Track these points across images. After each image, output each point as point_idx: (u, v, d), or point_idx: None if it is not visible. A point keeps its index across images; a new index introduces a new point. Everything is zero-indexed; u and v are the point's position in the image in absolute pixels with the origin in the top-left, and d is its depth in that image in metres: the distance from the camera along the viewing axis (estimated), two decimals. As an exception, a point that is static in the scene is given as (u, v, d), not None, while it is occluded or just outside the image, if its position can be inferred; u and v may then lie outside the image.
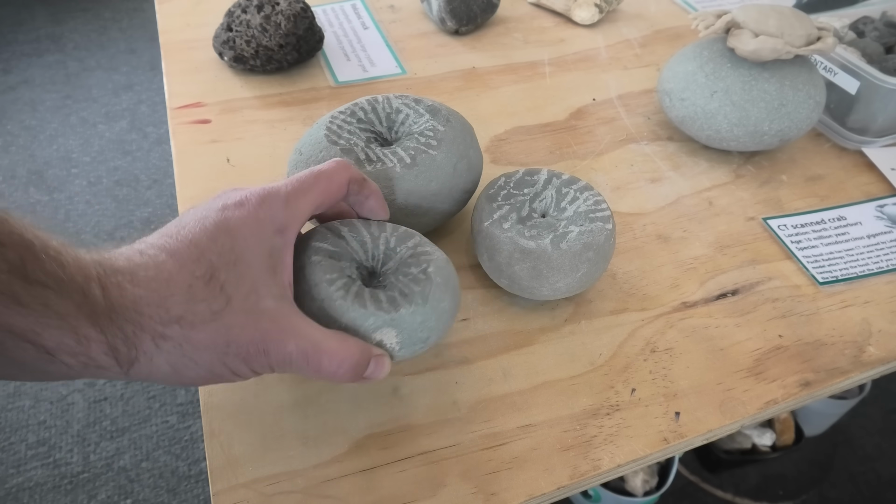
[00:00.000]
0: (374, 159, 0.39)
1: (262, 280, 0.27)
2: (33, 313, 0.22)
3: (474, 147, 0.42)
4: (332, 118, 0.41)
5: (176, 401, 1.10)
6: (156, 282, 0.25)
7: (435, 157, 0.39)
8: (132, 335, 0.24)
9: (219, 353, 0.26)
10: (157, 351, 0.25)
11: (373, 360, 0.30)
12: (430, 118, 0.41)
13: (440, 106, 0.42)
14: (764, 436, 0.96)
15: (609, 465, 0.34)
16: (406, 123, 0.42)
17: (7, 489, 0.98)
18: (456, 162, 0.40)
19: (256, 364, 0.27)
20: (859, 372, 0.38)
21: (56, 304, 0.22)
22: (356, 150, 0.39)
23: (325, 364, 0.28)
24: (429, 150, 0.39)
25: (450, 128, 0.41)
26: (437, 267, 0.33)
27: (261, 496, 0.32)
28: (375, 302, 0.30)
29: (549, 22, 0.69)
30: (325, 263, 0.31)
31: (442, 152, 0.39)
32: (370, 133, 0.41)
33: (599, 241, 0.37)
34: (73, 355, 0.23)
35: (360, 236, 0.33)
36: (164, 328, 0.25)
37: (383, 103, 0.42)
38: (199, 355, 0.26)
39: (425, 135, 0.40)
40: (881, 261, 0.45)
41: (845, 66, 0.52)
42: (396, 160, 0.38)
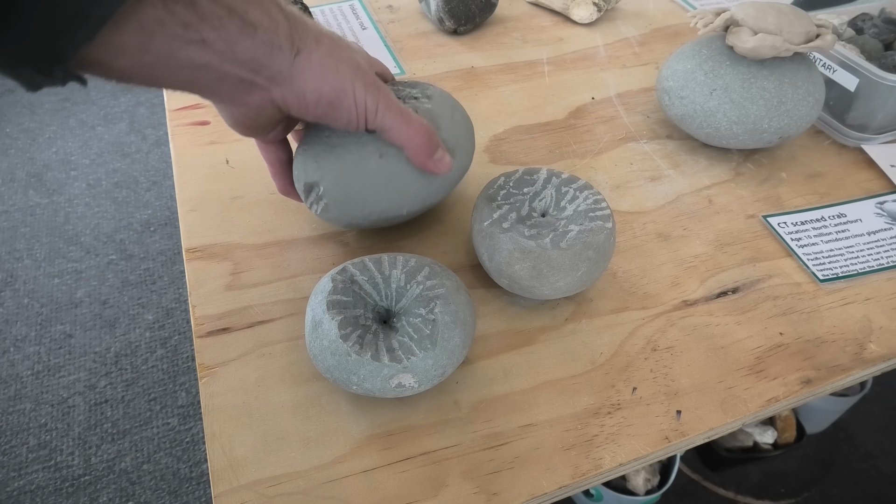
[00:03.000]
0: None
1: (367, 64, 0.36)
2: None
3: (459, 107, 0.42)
4: None
5: (177, 403, 1.10)
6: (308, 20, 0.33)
7: (431, 109, 0.39)
8: (303, 30, 0.32)
9: (352, 70, 0.33)
10: (315, 47, 0.32)
11: (440, 149, 0.38)
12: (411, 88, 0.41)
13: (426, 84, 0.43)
14: (765, 433, 0.96)
15: (611, 464, 0.33)
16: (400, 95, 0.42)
17: (8, 492, 0.98)
18: (451, 112, 0.40)
19: (371, 95, 0.34)
20: (860, 369, 0.38)
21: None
22: None
23: (414, 121, 0.36)
24: (423, 104, 0.39)
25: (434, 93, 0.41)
26: (444, 304, 0.34)
27: (262, 497, 0.31)
28: (389, 352, 0.32)
29: (547, 21, 0.69)
30: (339, 318, 0.33)
31: (435, 105, 0.40)
32: None
33: (599, 240, 0.37)
34: (266, 31, 0.30)
35: (372, 278, 0.36)
36: (320, 36, 0.33)
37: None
38: (341, 65, 0.33)
39: (415, 97, 0.40)
40: (881, 258, 0.45)
41: (844, 63, 0.52)
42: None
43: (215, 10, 0.27)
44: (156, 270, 1.32)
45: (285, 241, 0.44)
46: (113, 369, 1.15)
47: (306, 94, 0.33)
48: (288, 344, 0.38)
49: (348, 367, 0.32)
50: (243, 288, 0.41)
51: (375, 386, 0.32)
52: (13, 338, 1.19)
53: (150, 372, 1.15)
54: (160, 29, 0.26)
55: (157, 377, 1.14)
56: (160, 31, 0.26)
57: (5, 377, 1.13)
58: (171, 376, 1.14)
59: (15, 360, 1.16)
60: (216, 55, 0.29)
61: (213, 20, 0.27)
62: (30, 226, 1.40)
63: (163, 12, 0.26)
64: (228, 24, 0.28)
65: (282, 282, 0.42)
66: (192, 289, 0.41)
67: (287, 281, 0.42)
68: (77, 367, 1.15)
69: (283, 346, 0.38)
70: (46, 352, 1.17)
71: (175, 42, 0.27)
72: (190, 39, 0.27)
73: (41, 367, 1.15)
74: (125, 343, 1.19)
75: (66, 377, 1.13)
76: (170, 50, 0.27)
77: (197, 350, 0.38)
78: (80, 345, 1.18)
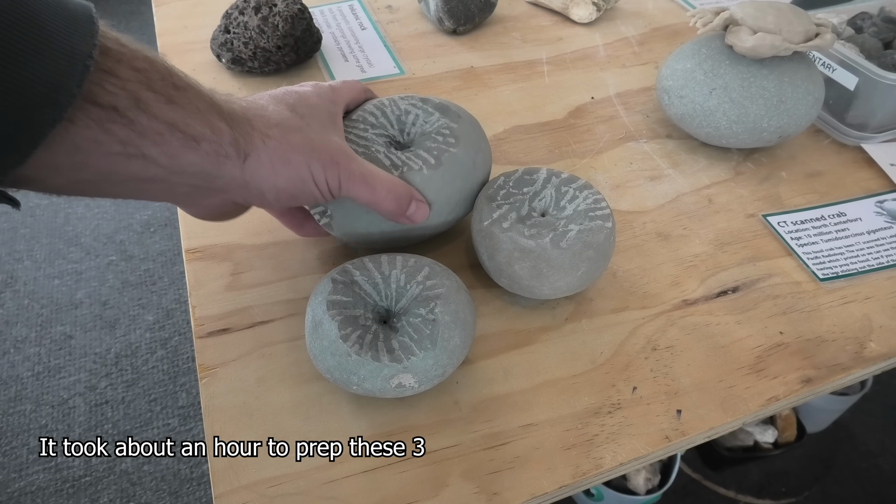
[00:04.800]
0: (399, 164, 0.38)
1: (327, 124, 0.35)
2: (182, 110, 0.27)
3: (484, 140, 0.42)
4: (346, 127, 0.40)
5: (177, 403, 1.10)
6: (255, 104, 0.33)
7: (457, 155, 0.39)
8: (247, 132, 0.31)
9: (306, 155, 0.33)
10: (263, 146, 0.31)
11: (414, 202, 0.37)
12: (441, 116, 0.41)
13: (447, 103, 0.42)
14: (766, 433, 0.96)
15: (611, 463, 0.33)
16: (417, 124, 0.41)
17: (9, 493, 0.98)
18: (474, 156, 0.40)
19: (331, 174, 0.33)
20: (861, 368, 0.38)
21: (197, 103, 0.28)
22: (379, 156, 0.38)
23: (379, 188, 0.35)
24: (450, 149, 0.39)
25: (462, 123, 0.41)
26: (444, 304, 0.34)
27: (263, 498, 0.31)
28: (389, 352, 0.32)
29: (547, 21, 0.69)
30: (339, 318, 0.33)
31: (461, 149, 0.39)
32: (385, 136, 0.40)
33: (599, 240, 0.37)
34: (210, 142, 0.29)
35: (372, 278, 0.35)
36: (268, 130, 0.32)
37: (391, 106, 0.41)
38: (293, 155, 0.32)
39: (442, 133, 0.40)
40: (881, 256, 0.45)
41: (844, 62, 0.52)
42: (421, 162, 0.38)
43: (155, 127, 0.26)
44: (156, 271, 1.32)
45: (285, 242, 0.44)
46: (113, 370, 1.15)
47: (264, 192, 0.32)
48: (288, 344, 0.38)
49: (348, 368, 0.32)
50: (243, 288, 0.41)
51: (376, 386, 0.32)
52: (13, 339, 1.19)
53: (150, 373, 1.15)
54: (96, 147, 0.25)
55: (157, 378, 1.14)
56: (97, 150, 0.25)
57: (6, 378, 1.13)
58: (171, 377, 1.14)
59: (15, 362, 1.16)
60: (161, 168, 0.28)
61: (153, 136, 0.26)
62: (30, 227, 1.40)
63: (98, 132, 0.25)
64: (170, 139, 0.27)
65: (282, 282, 0.42)
66: (192, 289, 0.41)
67: (287, 281, 0.42)
68: (77, 368, 1.15)
69: (284, 346, 0.38)
70: (47, 353, 1.17)
71: (114, 159, 0.26)
72: (130, 155, 0.26)
73: (41, 369, 1.15)
74: (125, 344, 1.19)
75: (67, 378, 1.13)
76: (110, 166, 0.26)
77: (197, 351, 0.38)
78: (80, 346, 1.18)
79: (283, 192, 0.33)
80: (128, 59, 0.26)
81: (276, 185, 0.32)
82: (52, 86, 0.22)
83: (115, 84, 0.25)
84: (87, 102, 0.24)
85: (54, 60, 0.22)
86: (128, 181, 0.28)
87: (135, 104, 0.25)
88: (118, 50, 0.25)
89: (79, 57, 0.23)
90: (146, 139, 0.26)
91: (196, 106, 0.28)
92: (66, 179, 0.26)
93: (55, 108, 0.23)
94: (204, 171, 0.29)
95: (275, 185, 0.32)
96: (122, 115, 0.25)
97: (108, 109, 0.25)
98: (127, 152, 0.26)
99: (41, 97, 0.22)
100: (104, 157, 0.26)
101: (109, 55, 0.25)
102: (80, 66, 0.23)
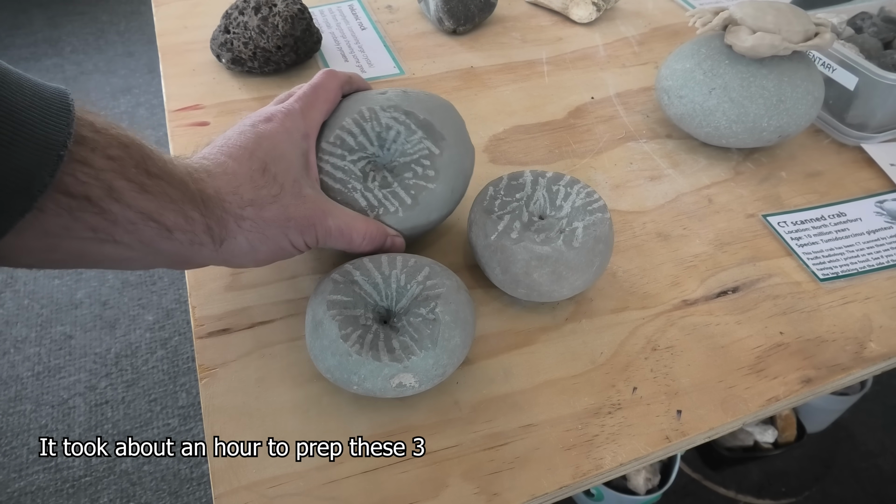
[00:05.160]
0: (376, 205, 0.38)
1: (300, 174, 0.35)
2: (156, 200, 0.27)
3: (468, 154, 0.41)
4: (323, 154, 0.38)
5: (177, 403, 1.10)
6: (225, 175, 0.32)
7: (434, 191, 0.39)
8: (221, 218, 0.31)
9: (282, 227, 0.33)
10: (238, 230, 0.32)
11: (389, 238, 0.38)
12: (423, 137, 0.39)
13: (431, 119, 0.39)
14: (766, 433, 0.96)
15: (611, 463, 0.33)
16: (398, 141, 0.39)
17: (9, 493, 0.98)
18: (453, 185, 0.40)
19: (308, 236, 0.35)
20: (861, 368, 0.38)
21: (170, 192, 0.28)
22: (355, 195, 0.38)
23: (355, 237, 0.36)
24: (427, 185, 0.38)
25: (445, 147, 0.39)
26: (444, 303, 0.34)
27: (263, 498, 0.31)
28: (389, 352, 0.32)
29: (546, 21, 0.69)
30: (339, 318, 0.33)
31: (440, 182, 0.39)
32: (364, 160, 0.39)
33: (605, 232, 0.37)
34: (184, 232, 0.29)
35: (372, 278, 0.35)
36: (241, 210, 0.32)
37: (371, 121, 0.39)
38: (269, 230, 0.33)
39: (422, 164, 0.39)
40: (881, 257, 0.45)
41: (843, 61, 0.52)
42: (398, 203, 0.38)
43: (128, 216, 0.26)
44: (156, 271, 1.32)
45: (285, 242, 0.44)
46: (113, 370, 1.15)
47: (244, 265, 0.34)
48: (288, 344, 0.38)
49: (349, 367, 0.32)
50: (243, 289, 0.41)
51: (376, 386, 0.32)
52: (13, 339, 1.19)
53: (150, 373, 1.15)
54: (67, 233, 0.25)
55: (157, 378, 1.14)
56: (67, 235, 0.25)
57: (6, 378, 1.13)
58: (171, 377, 1.14)
59: (15, 362, 1.16)
60: (135, 252, 0.28)
61: (126, 225, 0.26)
62: (30, 227, 1.40)
63: (68, 220, 0.25)
64: (143, 228, 0.27)
65: (282, 282, 0.42)
66: (192, 290, 0.41)
67: (287, 281, 0.42)
68: (77, 369, 1.15)
69: (284, 346, 0.38)
70: (47, 353, 1.17)
71: (86, 243, 0.26)
72: (102, 240, 0.26)
73: (41, 369, 1.15)
74: (125, 344, 1.19)
75: (67, 378, 1.13)
76: (82, 249, 0.26)
77: (197, 351, 0.38)
78: (80, 346, 1.18)
79: (262, 261, 0.35)
80: (102, 147, 0.25)
81: (255, 259, 0.34)
82: (25, 175, 0.22)
83: (88, 174, 0.25)
84: (59, 192, 0.24)
85: (28, 151, 0.22)
86: (102, 262, 0.28)
87: (108, 193, 0.25)
88: (93, 138, 0.25)
89: (53, 147, 0.23)
90: (118, 227, 0.26)
91: (169, 195, 0.28)
92: (38, 259, 0.26)
93: (26, 198, 0.23)
94: (179, 255, 0.30)
95: (254, 259, 0.34)
96: (93, 205, 0.25)
97: (79, 199, 0.24)
98: (98, 238, 0.26)
99: (13, 186, 0.22)
100: (75, 241, 0.26)
101: (84, 144, 0.25)
102: (54, 156, 0.23)
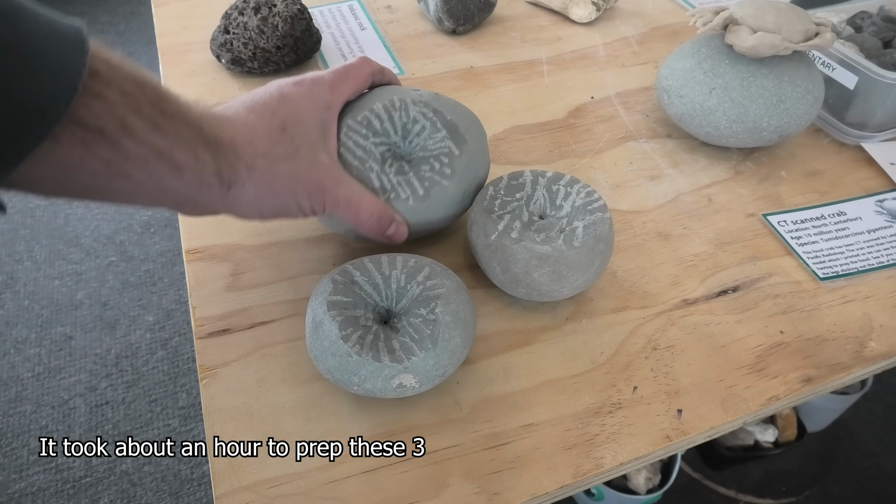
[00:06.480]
0: (388, 188, 0.38)
1: (318, 141, 0.35)
2: (168, 138, 0.28)
3: (484, 164, 0.42)
4: (348, 130, 0.39)
5: (178, 404, 1.10)
6: (244, 126, 0.32)
7: (447, 189, 0.39)
8: (232, 163, 0.31)
9: (291, 186, 0.33)
10: (248, 179, 0.32)
11: (394, 223, 0.38)
12: (447, 136, 0.40)
13: (457, 122, 0.40)
14: (766, 432, 0.96)
15: (612, 463, 0.33)
16: (422, 136, 0.40)
17: (9, 494, 0.98)
18: (466, 189, 0.40)
19: (316, 201, 0.35)
20: (861, 367, 0.38)
21: (184, 132, 0.28)
22: (371, 175, 0.38)
23: (362, 211, 0.36)
24: (442, 182, 0.39)
25: (465, 151, 0.40)
26: (444, 304, 0.34)
27: (264, 498, 0.31)
28: (390, 353, 0.32)
29: (546, 20, 0.69)
30: (340, 318, 0.33)
31: (454, 182, 0.39)
32: (385, 146, 0.39)
33: (605, 232, 0.37)
34: (193, 172, 0.29)
35: (372, 279, 0.36)
36: (254, 160, 0.32)
37: (400, 111, 0.40)
38: (278, 185, 0.33)
39: (440, 160, 0.39)
40: (881, 255, 0.45)
41: (843, 61, 0.52)
42: (410, 192, 0.38)
43: (140, 152, 0.27)
44: (156, 272, 1.32)
45: (285, 242, 0.44)
46: (113, 371, 1.15)
47: (248, 216, 0.34)
48: (288, 345, 0.38)
49: (349, 368, 0.32)
50: (243, 289, 0.41)
51: (376, 386, 0.32)
52: (14, 340, 1.19)
53: (150, 373, 1.15)
54: (80, 165, 0.26)
55: (157, 379, 1.14)
56: (80, 168, 0.26)
57: (6, 379, 1.13)
58: (171, 378, 1.14)
59: (16, 363, 1.16)
60: (144, 190, 0.28)
61: (137, 160, 0.27)
62: (30, 228, 1.40)
63: (83, 152, 0.25)
64: (154, 165, 0.28)
65: (282, 283, 0.42)
66: (193, 290, 0.41)
67: (287, 282, 0.42)
68: (78, 369, 1.15)
69: (284, 346, 0.38)
70: (47, 354, 1.17)
71: (98, 176, 0.27)
72: (114, 174, 0.27)
73: (42, 369, 1.15)
74: (126, 345, 1.19)
75: (67, 379, 1.13)
76: (93, 182, 0.27)
77: (197, 351, 0.38)
78: (80, 346, 1.18)
79: (266, 216, 0.35)
80: (117, 82, 0.26)
81: (259, 212, 0.34)
82: (40, 105, 0.23)
83: (102, 107, 0.25)
84: (74, 123, 0.24)
85: (44, 80, 0.23)
86: (111, 194, 0.28)
87: (121, 128, 0.26)
88: (107, 73, 0.26)
89: (68, 77, 0.23)
90: (130, 162, 0.27)
91: (182, 135, 0.28)
92: (51, 190, 0.27)
93: (42, 126, 0.23)
94: (186, 197, 0.30)
95: (258, 212, 0.34)
96: (107, 138, 0.26)
97: (93, 131, 0.25)
98: (110, 171, 0.27)
99: (29, 115, 0.23)
100: (88, 174, 0.26)
101: (99, 78, 0.25)
102: (69, 87, 0.24)
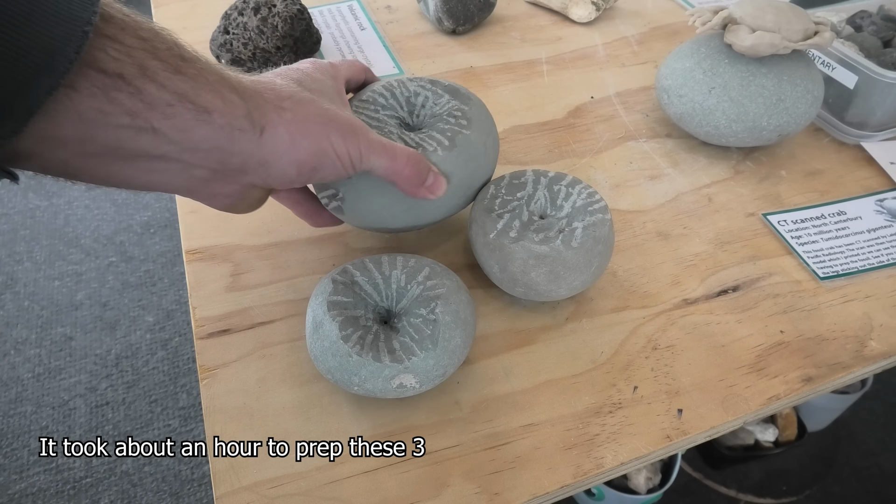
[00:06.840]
0: (413, 145, 0.37)
1: (336, 100, 0.35)
2: (192, 81, 0.26)
3: (493, 124, 0.42)
4: (357, 109, 0.39)
5: (178, 404, 1.10)
6: (264, 80, 0.32)
7: (469, 137, 0.38)
8: (260, 104, 0.29)
9: (324, 126, 0.31)
10: (279, 118, 0.30)
11: (431, 172, 0.36)
12: (451, 98, 0.40)
13: (457, 85, 0.42)
14: (766, 432, 0.96)
15: (612, 463, 0.33)
16: (427, 106, 0.41)
17: (10, 495, 0.98)
18: (485, 139, 0.40)
19: (351, 144, 0.32)
20: (861, 366, 0.38)
21: (206, 75, 0.27)
22: (392, 137, 0.37)
23: (400, 155, 0.34)
24: (463, 131, 0.38)
25: (473, 106, 0.40)
26: (445, 304, 0.34)
27: (264, 499, 0.31)
28: (390, 353, 0.32)
29: (546, 20, 0.69)
30: (340, 319, 0.33)
31: (473, 131, 0.39)
32: (395, 119, 0.40)
33: (605, 233, 0.37)
34: (222, 115, 0.27)
35: (372, 279, 0.35)
36: (281, 102, 0.30)
37: (399, 87, 0.41)
38: (311, 126, 0.31)
39: (454, 115, 0.39)
40: (882, 255, 0.45)
41: (843, 60, 0.52)
42: (436, 143, 0.38)
43: (164, 97, 0.25)
44: (156, 272, 1.32)
45: (285, 243, 0.44)
46: (114, 371, 1.15)
47: (286, 169, 0.31)
48: (288, 345, 0.38)
49: (349, 368, 0.32)
50: (243, 289, 0.41)
51: (377, 386, 0.32)
52: (14, 340, 1.19)
53: (150, 374, 1.15)
54: (102, 118, 0.24)
55: (157, 379, 1.14)
56: (103, 121, 0.24)
57: (6, 380, 1.13)
58: (171, 378, 1.14)
59: (16, 363, 1.16)
60: (172, 145, 0.27)
61: (163, 108, 0.25)
62: (30, 228, 1.40)
63: (103, 102, 0.24)
64: (180, 110, 0.26)
65: (282, 283, 0.42)
66: (193, 290, 0.41)
67: (287, 282, 0.42)
68: (78, 370, 1.15)
69: (284, 347, 0.38)
70: (47, 354, 1.17)
71: (122, 132, 0.25)
72: (140, 128, 0.25)
73: (42, 370, 1.15)
74: (126, 345, 1.19)
75: (67, 379, 1.13)
76: (118, 140, 0.25)
77: (198, 352, 0.38)
78: (80, 347, 1.18)
79: (304, 165, 0.31)
80: (132, 27, 0.25)
81: (297, 159, 0.31)
82: (48, 52, 0.21)
83: (119, 51, 0.24)
84: (91, 69, 0.23)
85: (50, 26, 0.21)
86: (138, 159, 0.26)
87: (141, 72, 0.24)
88: (122, 18, 0.25)
89: (77, 22, 0.22)
90: (155, 110, 0.25)
91: (205, 77, 0.27)
92: (71, 154, 0.25)
93: (52, 75, 0.22)
94: (218, 148, 0.28)
95: (296, 158, 0.31)
96: (128, 84, 0.24)
97: (113, 77, 0.24)
98: (136, 125, 0.25)
99: (37, 64, 0.21)
100: (112, 130, 0.25)
101: (113, 22, 0.24)
102: (79, 32, 0.22)
